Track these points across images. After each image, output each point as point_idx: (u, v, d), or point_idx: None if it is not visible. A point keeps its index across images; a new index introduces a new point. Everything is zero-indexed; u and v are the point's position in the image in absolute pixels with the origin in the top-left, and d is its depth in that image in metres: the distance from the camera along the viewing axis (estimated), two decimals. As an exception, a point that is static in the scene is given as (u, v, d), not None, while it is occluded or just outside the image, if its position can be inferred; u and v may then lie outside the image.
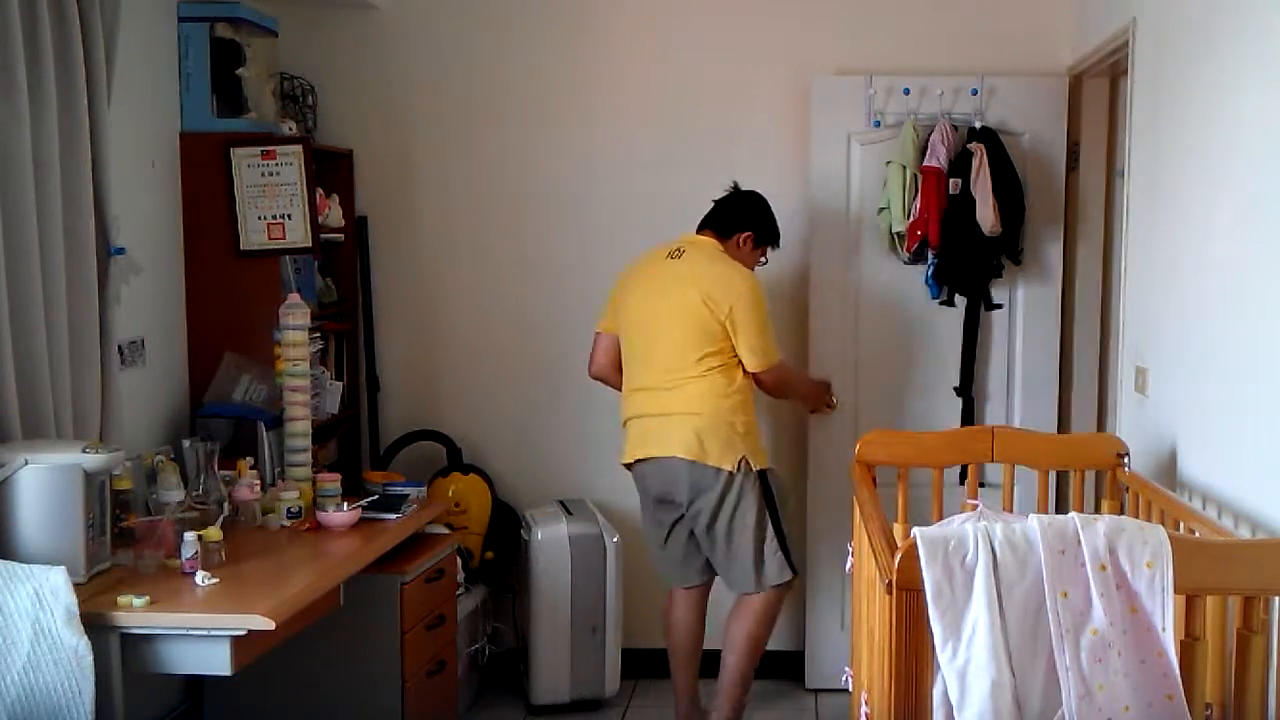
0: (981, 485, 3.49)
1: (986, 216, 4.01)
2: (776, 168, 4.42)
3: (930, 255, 4.13)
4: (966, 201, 4.05)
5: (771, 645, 3.99)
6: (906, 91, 4.20)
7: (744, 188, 3.99)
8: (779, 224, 4.00)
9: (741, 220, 3.91)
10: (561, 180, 4.54)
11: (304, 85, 4.40)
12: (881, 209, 4.19)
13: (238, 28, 3.95)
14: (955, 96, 4.19)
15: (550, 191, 4.55)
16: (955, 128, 4.13)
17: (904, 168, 4.08)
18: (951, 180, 4.05)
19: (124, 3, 3.33)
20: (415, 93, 4.55)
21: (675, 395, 3.74)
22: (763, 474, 3.78)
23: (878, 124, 4.23)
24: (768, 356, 3.76)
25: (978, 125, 4.13)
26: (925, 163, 4.06)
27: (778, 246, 4.03)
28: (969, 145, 4.08)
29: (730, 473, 3.70)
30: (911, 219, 4.06)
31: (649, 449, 3.80)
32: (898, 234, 4.13)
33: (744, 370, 3.77)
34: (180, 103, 3.92)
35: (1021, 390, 4.32)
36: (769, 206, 3.97)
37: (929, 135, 4.11)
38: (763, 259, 3.98)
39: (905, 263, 4.20)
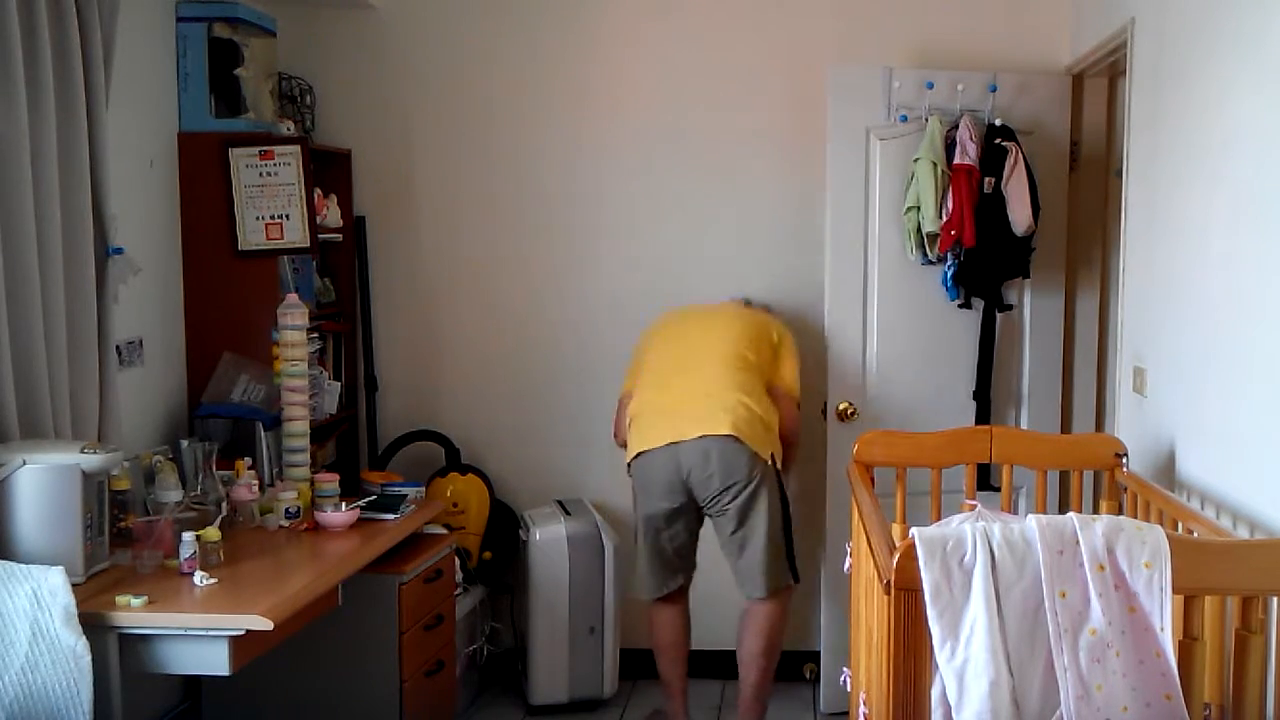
0: (996, 489, 3.49)
1: (1022, 216, 3.95)
2: (789, 164, 4.43)
3: (950, 257, 4.05)
4: (996, 200, 3.98)
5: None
6: (930, 85, 4.10)
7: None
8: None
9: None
10: (561, 180, 4.54)
11: (302, 85, 4.40)
12: (910, 208, 4.06)
13: (236, 28, 3.95)
14: (971, 93, 4.12)
15: (549, 191, 4.55)
16: (975, 125, 4.06)
17: (935, 164, 3.98)
18: (986, 179, 3.96)
19: (122, 3, 3.32)
20: (413, 92, 4.55)
21: (716, 384, 3.80)
22: (779, 475, 3.81)
23: (904, 118, 4.14)
24: (796, 387, 4.00)
25: (997, 122, 4.05)
26: (955, 160, 3.97)
27: None
28: (1003, 143, 3.99)
29: (766, 462, 3.73)
30: (945, 219, 3.96)
31: (680, 433, 3.73)
32: (929, 234, 4.01)
33: None
34: (178, 103, 3.91)
35: (1028, 393, 4.31)
36: None
37: (951, 131, 4.05)
38: None
39: (922, 263, 4.11)
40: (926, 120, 4.07)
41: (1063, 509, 3.77)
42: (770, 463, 3.76)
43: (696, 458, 3.71)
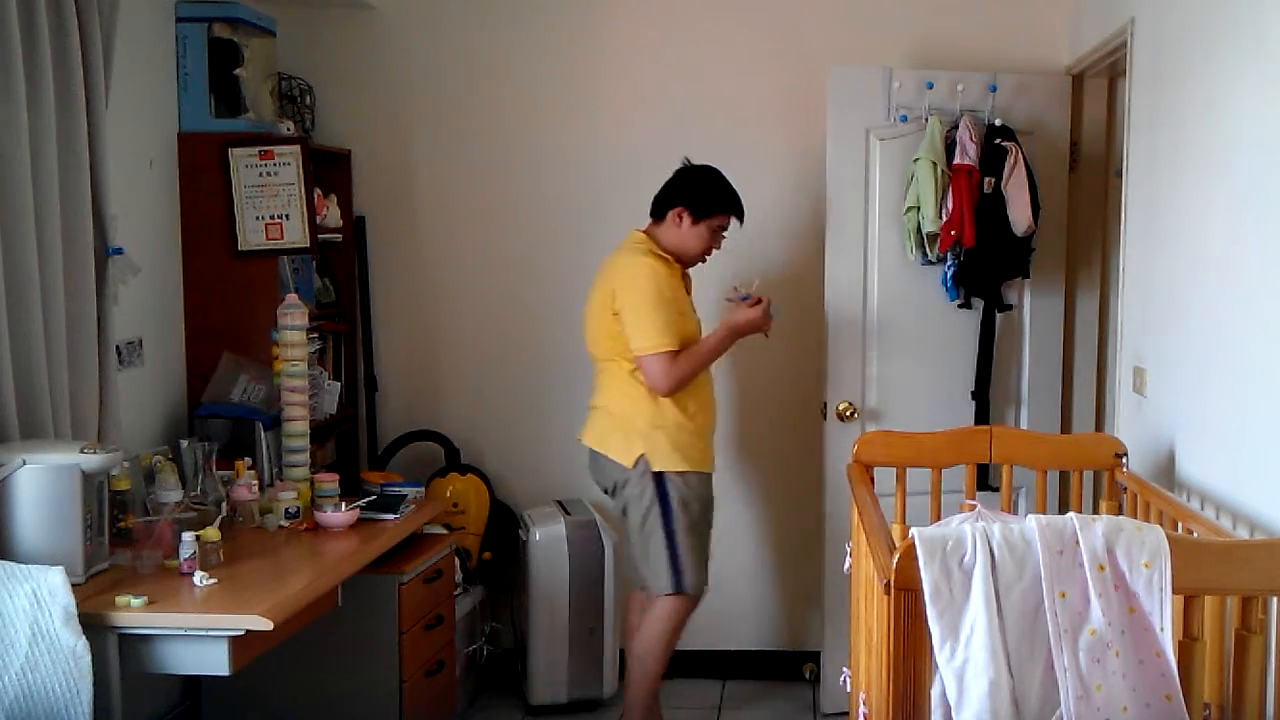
0: (996, 489, 3.49)
1: (1022, 216, 3.95)
2: (788, 165, 4.43)
3: (950, 257, 4.05)
4: (995, 201, 3.98)
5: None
6: (930, 86, 4.10)
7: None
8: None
9: (672, 197, 3.79)
10: (561, 180, 4.54)
11: (302, 85, 4.40)
12: (910, 208, 4.06)
13: (235, 28, 3.95)
14: (970, 93, 4.11)
15: (549, 191, 4.55)
16: (975, 125, 4.05)
17: (935, 164, 3.98)
18: (986, 179, 3.96)
19: (122, 3, 3.32)
20: (413, 92, 4.55)
21: (598, 390, 3.86)
22: (659, 476, 3.69)
23: (904, 119, 4.13)
24: (649, 341, 3.60)
25: (997, 123, 4.05)
26: (955, 160, 3.98)
27: (733, 216, 3.84)
28: (1003, 143, 3.99)
29: (625, 467, 3.71)
30: (945, 219, 3.96)
31: (581, 432, 3.92)
32: (929, 234, 4.01)
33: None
34: (178, 103, 3.91)
35: (1028, 393, 4.30)
36: (708, 177, 3.81)
37: (951, 131, 4.05)
38: (722, 233, 3.85)
39: (922, 263, 4.11)
40: (926, 120, 4.06)
41: (1063, 509, 3.77)
42: (636, 465, 3.67)
43: (594, 461, 3.87)
